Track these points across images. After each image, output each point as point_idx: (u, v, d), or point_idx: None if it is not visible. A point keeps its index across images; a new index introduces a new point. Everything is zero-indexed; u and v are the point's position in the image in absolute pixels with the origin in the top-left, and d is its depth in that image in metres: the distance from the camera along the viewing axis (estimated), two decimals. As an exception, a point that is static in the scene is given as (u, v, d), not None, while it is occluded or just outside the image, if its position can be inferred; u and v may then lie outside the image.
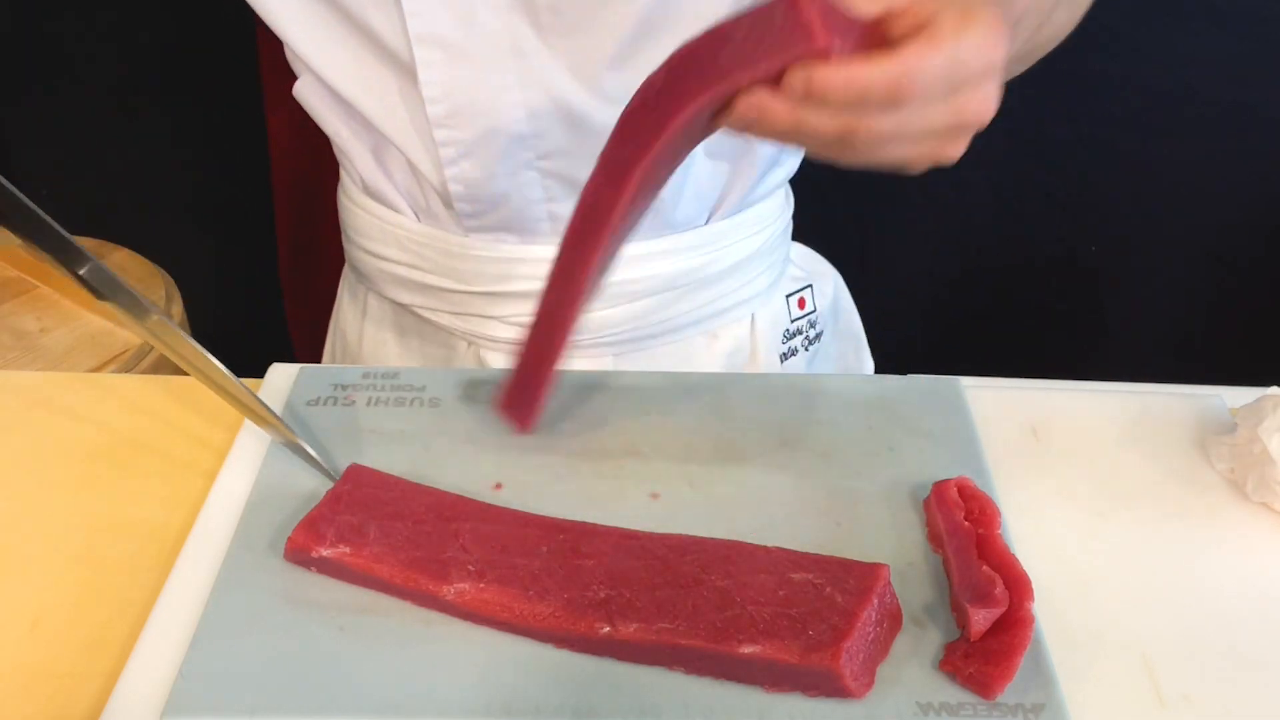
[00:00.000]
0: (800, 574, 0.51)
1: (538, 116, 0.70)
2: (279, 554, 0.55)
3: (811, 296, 0.89)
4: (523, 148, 0.71)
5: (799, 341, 0.88)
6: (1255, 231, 1.42)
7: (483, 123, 0.70)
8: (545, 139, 0.71)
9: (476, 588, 0.52)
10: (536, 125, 0.70)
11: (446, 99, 0.69)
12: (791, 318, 0.87)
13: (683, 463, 0.61)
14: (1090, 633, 0.53)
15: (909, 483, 0.60)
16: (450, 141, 0.71)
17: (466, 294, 0.79)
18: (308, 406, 0.65)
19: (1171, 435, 0.63)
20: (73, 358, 1.02)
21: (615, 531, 0.55)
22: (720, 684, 0.49)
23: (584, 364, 0.80)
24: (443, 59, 0.68)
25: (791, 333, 0.87)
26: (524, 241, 0.76)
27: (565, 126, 0.70)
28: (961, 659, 0.49)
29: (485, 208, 0.74)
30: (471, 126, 0.70)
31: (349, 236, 0.85)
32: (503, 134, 0.70)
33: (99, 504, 0.60)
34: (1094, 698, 0.49)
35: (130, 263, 1.17)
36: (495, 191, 0.73)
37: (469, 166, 0.72)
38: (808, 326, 0.89)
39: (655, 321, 0.80)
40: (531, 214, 0.75)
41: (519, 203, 0.74)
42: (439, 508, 0.56)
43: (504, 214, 0.75)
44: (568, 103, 0.69)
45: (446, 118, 0.70)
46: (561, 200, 0.74)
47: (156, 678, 0.49)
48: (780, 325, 0.86)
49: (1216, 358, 1.52)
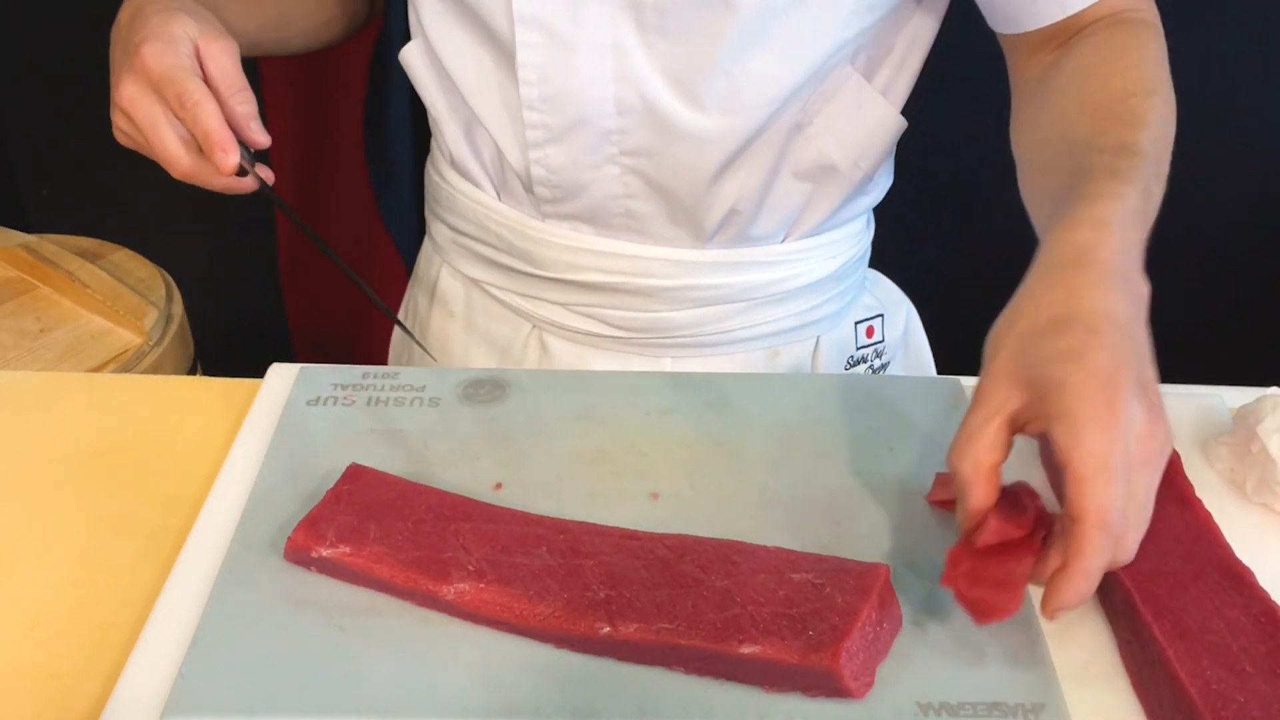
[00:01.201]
0: (800, 574, 0.51)
1: (627, 113, 0.70)
2: (279, 554, 0.55)
3: (881, 326, 0.88)
4: (608, 142, 0.71)
5: (863, 370, 0.87)
6: (1255, 231, 1.42)
7: (572, 111, 0.70)
8: (631, 136, 0.71)
9: (476, 588, 0.52)
10: (624, 121, 0.70)
11: (541, 83, 0.70)
12: (858, 345, 0.86)
13: (683, 463, 0.61)
14: (1091, 632, 0.53)
15: (909, 482, 0.60)
16: (538, 125, 0.71)
17: (538, 278, 0.79)
18: (308, 406, 0.65)
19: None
20: (73, 358, 1.02)
21: (615, 531, 0.55)
22: (720, 684, 0.49)
23: (642, 363, 0.81)
24: (542, 42, 0.68)
25: (855, 360, 0.86)
26: (599, 233, 0.77)
27: (652, 127, 0.70)
28: (965, 579, 0.49)
29: (564, 195, 0.75)
30: (561, 113, 0.70)
31: (431, 208, 0.86)
32: (590, 125, 0.70)
33: (99, 504, 0.60)
34: (1094, 698, 0.49)
35: (130, 263, 1.17)
36: (576, 180, 0.73)
37: (553, 152, 0.72)
38: (873, 355, 0.87)
39: (718, 330, 0.80)
40: (609, 208, 0.75)
41: (598, 195, 0.74)
42: (439, 508, 0.56)
43: (582, 203, 0.75)
44: (658, 104, 0.69)
45: (538, 101, 0.70)
46: (640, 198, 0.74)
47: (156, 678, 0.49)
48: (845, 351, 0.85)
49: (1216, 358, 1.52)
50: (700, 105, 0.69)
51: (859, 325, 0.86)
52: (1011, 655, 0.50)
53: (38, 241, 1.15)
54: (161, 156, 0.64)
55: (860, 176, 0.77)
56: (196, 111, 0.62)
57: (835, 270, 0.81)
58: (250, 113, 0.65)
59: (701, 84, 0.68)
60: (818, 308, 0.81)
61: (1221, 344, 1.51)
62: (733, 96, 0.69)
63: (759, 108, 0.69)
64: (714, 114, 0.69)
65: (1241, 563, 0.53)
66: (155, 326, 1.06)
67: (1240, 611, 0.50)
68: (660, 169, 0.72)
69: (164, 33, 0.64)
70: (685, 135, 0.70)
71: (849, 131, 0.74)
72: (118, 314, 1.06)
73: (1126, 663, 0.51)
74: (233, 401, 0.67)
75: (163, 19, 0.64)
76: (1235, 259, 1.43)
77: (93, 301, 1.07)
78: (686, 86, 0.69)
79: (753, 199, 0.74)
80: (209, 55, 0.64)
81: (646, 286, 0.77)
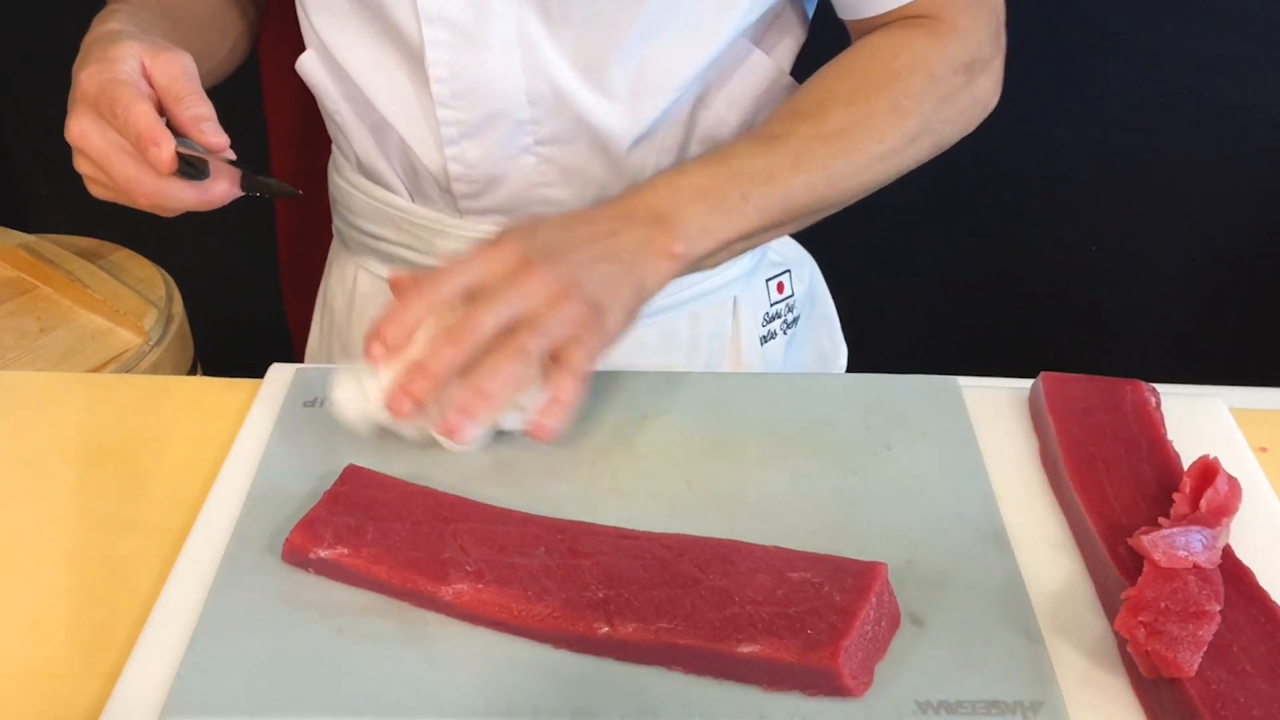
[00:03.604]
0: (798, 573, 0.51)
1: (539, 103, 0.71)
2: (277, 555, 0.55)
3: (790, 281, 0.90)
4: (522, 132, 0.72)
5: (778, 325, 0.89)
6: (1255, 231, 1.42)
7: (485, 105, 0.71)
8: (544, 125, 0.72)
9: (475, 588, 0.52)
10: (536, 111, 0.71)
11: (452, 79, 0.70)
12: (770, 301, 0.88)
13: (682, 463, 0.61)
14: (1091, 631, 0.53)
15: (907, 482, 0.60)
16: (452, 122, 0.72)
17: None
18: (305, 407, 0.65)
19: (1171, 435, 0.63)
20: (73, 358, 1.02)
21: (613, 531, 0.55)
22: (719, 683, 0.49)
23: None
24: (450, 39, 0.68)
25: (770, 316, 0.88)
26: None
27: (564, 115, 0.71)
28: (1145, 629, 0.48)
29: (482, 189, 0.75)
30: (475, 108, 0.71)
31: (339, 213, 0.86)
32: (504, 117, 0.71)
33: (99, 504, 0.60)
34: (1094, 698, 0.49)
35: (130, 263, 1.17)
36: (493, 173, 0.74)
37: (469, 147, 0.73)
38: (785, 310, 0.90)
39: None
40: (527, 197, 0.76)
41: (516, 185, 0.75)
42: (437, 508, 0.56)
43: (500, 196, 0.76)
44: (568, 93, 0.70)
45: (450, 98, 0.71)
46: (556, 185, 0.75)
47: (156, 678, 0.49)
48: (760, 309, 0.87)
49: (1216, 358, 1.52)
50: (609, 92, 0.70)
51: (769, 282, 0.88)
52: (1010, 653, 0.50)
53: (38, 241, 1.15)
54: (121, 184, 0.61)
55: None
56: (127, 115, 0.59)
57: None
58: (202, 114, 0.61)
59: (609, 71, 0.70)
60: (729, 268, 0.83)
61: (1221, 344, 1.51)
62: (641, 82, 0.70)
63: (667, 91, 0.71)
64: (623, 100, 0.71)
65: (1241, 563, 0.53)
66: (155, 326, 1.06)
67: (1240, 611, 0.50)
68: (575, 155, 0.73)
69: (103, 57, 0.62)
70: (596, 121, 0.71)
71: (744, 97, 0.76)
72: (118, 314, 1.06)
73: (1126, 663, 0.51)
74: (233, 401, 0.67)
75: (103, 46, 0.63)
76: (1236, 259, 1.43)
77: (93, 301, 1.07)
78: (594, 74, 0.70)
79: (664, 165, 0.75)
80: (155, 67, 0.62)
81: None
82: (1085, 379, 0.64)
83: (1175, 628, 0.48)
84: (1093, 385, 0.64)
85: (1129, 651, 0.49)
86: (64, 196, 1.60)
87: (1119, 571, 0.52)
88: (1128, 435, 0.61)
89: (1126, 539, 0.54)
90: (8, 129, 1.52)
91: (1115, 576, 0.53)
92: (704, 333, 0.84)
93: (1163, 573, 0.50)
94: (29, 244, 1.14)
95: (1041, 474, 0.62)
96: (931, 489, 0.60)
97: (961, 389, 0.67)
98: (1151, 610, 0.49)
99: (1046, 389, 0.64)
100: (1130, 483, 0.58)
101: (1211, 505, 0.55)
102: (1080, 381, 0.64)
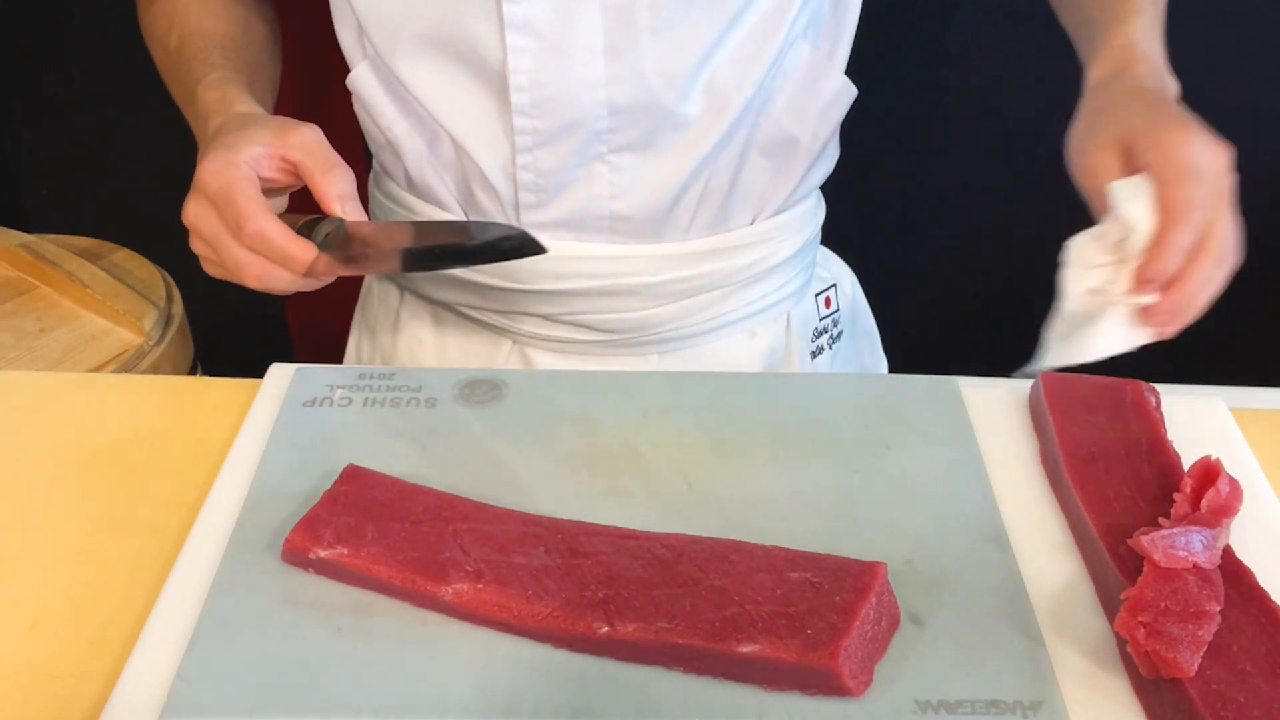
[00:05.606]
0: (798, 573, 0.51)
1: (619, 113, 0.70)
2: (277, 555, 0.55)
3: (835, 296, 0.91)
4: (598, 141, 0.72)
5: (825, 340, 0.89)
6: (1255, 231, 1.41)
7: (565, 115, 0.70)
8: (620, 134, 0.71)
9: (475, 588, 0.52)
10: (616, 121, 0.71)
11: (533, 89, 0.69)
12: (819, 316, 0.89)
13: (681, 463, 0.61)
14: (1091, 631, 0.53)
15: (907, 482, 0.60)
16: (528, 130, 0.71)
17: (517, 292, 0.78)
18: (304, 407, 0.65)
19: (1171, 435, 0.63)
20: (73, 358, 1.02)
21: (613, 531, 0.55)
22: (719, 683, 0.49)
23: (629, 362, 0.81)
24: (534, 47, 0.68)
25: (819, 331, 0.89)
26: (579, 239, 0.76)
27: (644, 122, 0.71)
28: (1144, 630, 0.48)
29: (549, 198, 0.74)
30: (553, 117, 0.70)
31: None
32: (582, 127, 0.71)
33: (99, 504, 0.60)
34: (1094, 697, 0.49)
35: (130, 263, 1.17)
36: (562, 182, 0.73)
37: (543, 155, 0.72)
38: (832, 325, 0.90)
39: (702, 320, 0.80)
40: (593, 210, 0.75)
41: (584, 197, 0.74)
42: (437, 508, 0.56)
43: (566, 206, 0.75)
44: (650, 100, 0.70)
45: (529, 106, 0.70)
46: (623, 198, 0.74)
47: (156, 678, 0.49)
48: (810, 324, 0.88)
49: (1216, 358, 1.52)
50: (689, 98, 0.70)
51: (818, 297, 0.89)
52: (1009, 653, 0.50)
53: (38, 241, 1.15)
54: (232, 270, 0.62)
55: (818, 147, 0.79)
56: (255, 237, 0.59)
57: (800, 246, 0.83)
58: (343, 192, 0.61)
59: (688, 80, 0.69)
60: (787, 284, 0.83)
61: (1221, 344, 1.51)
62: (716, 85, 0.70)
63: (740, 91, 0.71)
64: (700, 105, 0.71)
65: (1241, 563, 0.53)
66: (155, 326, 1.06)
67: (1240, 611, 0.50)
68: (645, 165, 0.73)
69: (224, 143, 0.61)
70: (674, 129, 0.71)
71: (805, 103, 0.76)
72: (118, 314, 1.06)
73: (1126, 663, 0.51)
74: (233, 401, 0.67)
75: (226, 129, 0.63)
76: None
77: (93, 301, 1.07)
78: (676, 84, 0.69)
79: (725, 183, 0.75)
80: (291, 146, 0.61)
81: (631, 286, 0.77)
82: (1085, 379, 0.64)
83: (1175, 628, 0.48)
84: (1093, 385, 0.64)
85: (1129, 651, 0.49)
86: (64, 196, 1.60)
87: (1119, 572, 0.52)
88: (1128, 435, 0.61)
89: (1126, 539, 0.54)
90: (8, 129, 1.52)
91: (1115, 577, 0.53)
92: (761, 349, 0.84)
93: (1163, 573, 0.50)
94: (29, 244, 1.14)
95: (1041, 474, 0.62)
96: (931, 489, 0.60)
97: (961, 389, 0.67)
98: (1151, 610, 0.49)
99: (1047, 389, 0.64)
100: (1130, 483, 0.58)
101: (1212, 506, 0.55)
102: (1080, 381, 0.64)
